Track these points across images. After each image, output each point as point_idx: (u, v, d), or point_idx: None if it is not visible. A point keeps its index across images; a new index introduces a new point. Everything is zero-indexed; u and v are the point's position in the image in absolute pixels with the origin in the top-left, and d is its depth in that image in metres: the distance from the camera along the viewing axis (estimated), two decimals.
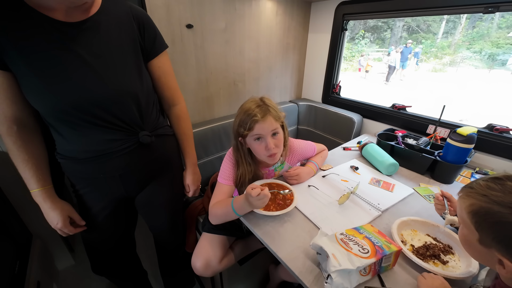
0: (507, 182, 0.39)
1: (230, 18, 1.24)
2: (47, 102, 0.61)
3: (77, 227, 0.78)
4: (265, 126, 0.76)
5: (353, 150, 1.24)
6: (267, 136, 0.78)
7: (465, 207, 0.44)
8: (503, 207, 0.38)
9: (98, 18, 0.64)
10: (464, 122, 5.87)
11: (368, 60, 10.34)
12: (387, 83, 8.85)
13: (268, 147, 0.78)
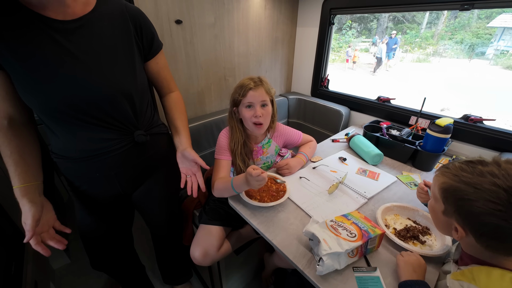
0: (478, 166, 0.45)
1: (219, 12, 1.24)
2: (40, 100, 0.61)
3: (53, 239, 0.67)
4: (256, 95, 0.88)
5: (341, 142, 1.30)
6: (257, 104, 0.89)
7: (438, 184, 0.51)
8: (468, 186, 0.44)
9: (92, 16, 0.63)
10: (446, 111, 6.04)
11: (355, 51, 10.45)
12: (374, 74, 9.03)
13: (256, 114, 0.89)
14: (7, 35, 0.55)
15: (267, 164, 1.08)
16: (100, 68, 0.64)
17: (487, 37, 10.88)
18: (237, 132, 0.96)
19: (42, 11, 0.57)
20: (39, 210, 0.63)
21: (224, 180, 0.88)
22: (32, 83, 0.59)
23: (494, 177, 0.41)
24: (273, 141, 1.05)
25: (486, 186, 0.41)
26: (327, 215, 0.79)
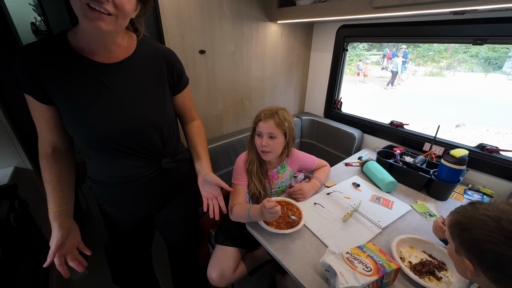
0: (477, 205, 0.52)
1: (238, 42, 1.32)
2: (82, 132, 0.68)
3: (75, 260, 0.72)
4: (265, 126, 0.95)
5: (355, 166, 1.32)
6: (264, 135, 0.95)
7: (447, 223, 0.57)
8: (467, 218, 0.51)
9: (132, 59, 0.71)
10: (462, 127, 5.88)
11: (366, 65, 10.47)
12: (387, 88, 8.94)
13: (262, 143, 0.95)
14: (59, 73, 0.63)
15: (282, 188, 1.12)
16: (135, 104, 0.71)
17: (504, 51, 10.65)
18: (253, 153, 1.02)
19: (91, 56, 0.66)
20: (65, 235, 0.69)
21: (242, 207, 0.93)
22: (76, 116, 0.67)
23: (485, 210, 0.49)
24: (288, 167, 1.09)
25: (478, 216, 0.49)
26: (342, 245, 0.81)
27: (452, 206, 1.01)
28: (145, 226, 0.95)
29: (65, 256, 0.71)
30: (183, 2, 1.06)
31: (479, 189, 1.09)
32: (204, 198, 0.87)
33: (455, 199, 1.06)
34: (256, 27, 1.37)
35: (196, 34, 1.15)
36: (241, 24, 1.30)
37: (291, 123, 0.98)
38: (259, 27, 1.38)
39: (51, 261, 0.67)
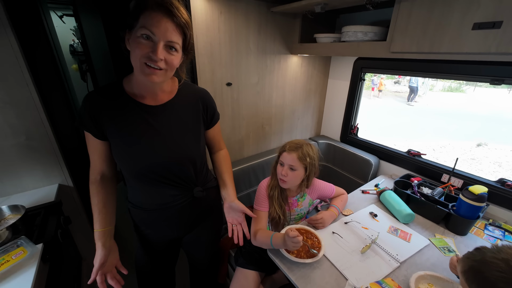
0: (483, 250, 0.58)
1: (262, 73, 1.43)
2: (129, 163, 0.79)
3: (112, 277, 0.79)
4: (287, 157, 1.01)
5: (371, 193, 1.35)
6: (286, 165, 1.02)
7: (459, 270, 0.63)
8: (478, 262, 0.57)
9: (174, 102, 0.82)
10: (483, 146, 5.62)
11: (381, 79, 10.40)
12: (408, 104, 8.68)
13: (282, 172, 1.02)
14: (115, 114, 0.75)
15: (300, 215, 1.17)
16: (175, 140, 0.82)
17: None
18: (275, 179, 1.09)
19: (140, 99, 0.77)
20: (106, 254, 0.77)
21: (264, 234, 0.98)
22: (126, 150, 0.77)
23: (492, 253, 0.55)
24: (308, 196, 1.15)
25: (488, 259, 0.55)
26: (361, 278, 0.84)
27: (472, 241, 1.02)
28: (174, 247, 1.04)
29: (105, 274, 0.79)
30: (215, 42, 1.19)
31: (501, 225, 1.09)
32: (229, 223, 0.95)
33: (475, 234, 1.06)
34: (278, 60, 1.47)
35: (225, 69, 1.27)
36: (265, 57, 1.41)
37: (313, 159, 1.04)
38: (281, 59, 1.49)
39: (94, 278, 0.76)
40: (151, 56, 0.65)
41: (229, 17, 1.19)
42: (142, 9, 0.64)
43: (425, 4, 0.89)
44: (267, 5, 1.29)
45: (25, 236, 0.87)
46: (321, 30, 1.47)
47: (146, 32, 0.63)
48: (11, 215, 0.97)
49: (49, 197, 1.17)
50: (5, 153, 1.10)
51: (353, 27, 1.13)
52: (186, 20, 0.69)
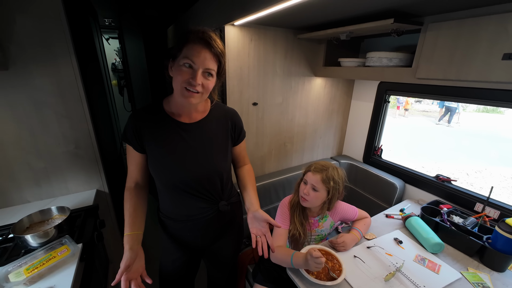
0: None
1: (286, 94, 1.50)
2: (164, 175, 0.87)
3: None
4: (311, 177, 1.04)
5: (396, 218, 1.31)
6: (308, 184, 1.04)
7: None
8: None
9: (206, 120, 0.91)
10: None
11: (408, 98, 10.02)
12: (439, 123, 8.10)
13: (304, 191, 1.04)
14: (154, 130, 0.84)
15: (321, 236, 1.16)
16: (205, 155, 0.89)
17: None
18: (298, 196, 1.10)
19: (177, 117, 0.86)
20: (133, 258, 0.78)
21: (284, 252, 0.99)
22: (161, 163, 0.85)
23: None
24: (330, 217, 1.14)
25: None
26: None
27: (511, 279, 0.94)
28: (196, 258, 1.08)
29: (130, 281, 0.78)
30: (244, 66, 1.29)
31: None
32: (253, 234, 0.91)
33: None
34: (302, 81, 1.54)
35: (252, 90, 1.35)
36: (290, 79, 1.48)
37: (338, 183, 1.04)
38: (305, 81, 1.55)
39: (118, 279, 0.76)
40: (191, 81, 0.74)
41: (259, 43, 1.29)
42: (186, 42, 0.75)
43: (451, 34, 0.91)
44: (294, 32, 1.38)
45: (68, 236, 0.97)
46: (345, 54, 1.53)
47: (188, 61, 0.74)
48: (58, 215, 1.09)
49: (88, 200, 1.29)
50: (57, 159, 1.25)
51: (378, 53, 1.17)
52: (222, 50, 0.78)
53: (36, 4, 1.03)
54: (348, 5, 0.89)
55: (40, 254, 0.86)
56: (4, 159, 1.14)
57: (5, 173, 1.16)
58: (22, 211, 1.13)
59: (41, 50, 1.08)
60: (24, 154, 1.17)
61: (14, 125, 1.12)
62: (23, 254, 0.88)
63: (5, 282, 0.75)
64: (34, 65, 1.09)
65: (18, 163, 1.17)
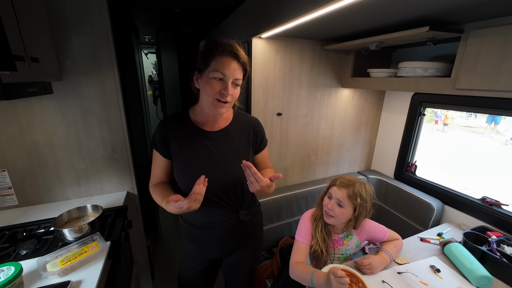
0: None
1: (311, 105, 1.48)
2: (187, 181, 0.89)
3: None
4: (336, 192, 0.98)
5: (433, 243, 1.17)
6: (333, 199, 0.98)
7: None
8: None
9: (229, 128, 0.93)
10: None
11: (447, 111, 9.22)
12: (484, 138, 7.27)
13: (328, 206, 0.99)
14: (180, 137, 0.88)
15: (346, 256, 1.09)
16: (227, 162, 0.90)
17: None
18: (320, 210, 1.05)
19: (201, 126, 0.90)
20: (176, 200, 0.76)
21: (304, 269, 0.93)
22: (186, 169, 0.89)
23: None
24: (356, 236, 1.07)
25: None
26: None
27: None
28: (214, 267, 1.07)
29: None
30: (270, 77, 1.31)
31: None
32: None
33: None
34: (328, 92, 1.51)
35: (277, 101, 1.36)
36: (316, 90, 1.46)
37: (365, 200, 0.97)
38: (332, 92, 1.52)
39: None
40: (223, 93, 0.78)
41: (285, 55, 1.31)
42: (213, 55, 0.78)
43: (498, 41, 0.83)
44: (321, 43, 1.38)
45: (99, 233, 1.04)
46: (374, 65, 1.47)
47: (218, 74, 0.77)
48: (92, 213, 1.17)
49: (119, 201, 1.38)
50: (96, 161, 1.36)
51: (411, 63, 1.10)
52: (246, 59, 0.82)
53: (89, 24, 1.17)
54: (379, 15, 0.86)
55: (74, 247, 0.93)
56: (53, 159, 1.28)
57: (54, 171, 1.30)
58: (63, 207, 1.24)
59: (90, 63, 1.22)
60: (69, 155, 1.31)
61: (63, 129, 1.26)
62: (60, 247, 0.96)
63: (43, 271, 0.82)
64: (84, 76, 1.23)
65: (64, 163, 1.31)
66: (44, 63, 1.01)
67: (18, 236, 1.05)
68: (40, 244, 1.01)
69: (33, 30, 0.94)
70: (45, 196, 1.31)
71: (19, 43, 0.81)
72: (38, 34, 0.98)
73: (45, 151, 1.25)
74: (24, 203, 1.28)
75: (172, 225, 2.49)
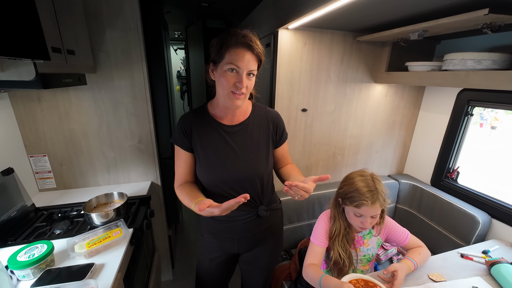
0: None
1: (339, 101, 1.38)
2: (206, 174, 0.88)
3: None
4: (370, 211, 0.86)
5: (476, 261, 1.03)
6: (367, 217, 0.88)
7: None
8: None
9: (247, 122, 0.90)
10: None
11: (496, 113, 8.21)
12: None
13: (365, 225, 0.89)
14: (200, 130, 0.87)
15: (368, 257, 1.00)
16: (246, 156, 0.88)
17: None
18: (339, 222, 0.97)
19: (220, 120, 0.88)
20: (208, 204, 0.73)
21: (315, 271, 0.89)
22: (204, 163, 0.87)
23: None
24: (375, 232, 0.98)
25: None
26: None
27: None
28: (231, 262, 1.06)
29: None
30: (296, 71, 1.25)
31: None
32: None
33: None
34: (359, 88, 1.40)
35: (302, 96, 1.30)
36: (345, 86, 1.37)
37: (387, 194, 0.91)
38: (363, 88, 1.41)
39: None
40: (237, 85, 0.75)
41: (313, 47, 1.24)
42: (227, 47, 0.75)
43: None
44: (354, 34, 1.27)
45: (123, 220, 1.08)
46: (413, 58, 1.33)
47: (232, 66, 0.74)
48: (118, 200, 1.23)
49: (143, 190, 1.43)
50: (124, 151, 1.43)
51: (462, 54, 0.96)
52: (261, 49, 0.78)
53: (122, 19, 1.22)
54: None
55: (100, 231, 0.98)
56: (87, 147, 1.37)
57: (87, 159, 1.39)
58: (93, 192, 1.32)
59: (121, 57, 1.27)
60: (101, 144, 1.38)
61: (96, 119, 1.33)
62: (88, 230, 1.02)
63: (71, 251, 0.87)
64: (115, 69, 1.28)
65: (96, 151, 1.39)
66: (80, 55, 1.06)
67: (54, 216, 1.14)
68: (72, 225, 1.08)
69: (71, 24, 0.99)
70: (79, 181, 1.41)
71: (56, 36, 0.86)
72: (75, 28, 1.04)
73: (80, 140, 1.34)
74: (61, 186, 1.38)
75: (193, 217, 2.55)
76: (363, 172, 0.93)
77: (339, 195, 0.95)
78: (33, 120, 1.25)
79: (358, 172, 0.93)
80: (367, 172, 0.93)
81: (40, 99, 1.23)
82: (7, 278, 0.64)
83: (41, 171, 1.34)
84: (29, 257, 0.79)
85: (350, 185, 0.90)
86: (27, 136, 1.26)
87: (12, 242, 0.95)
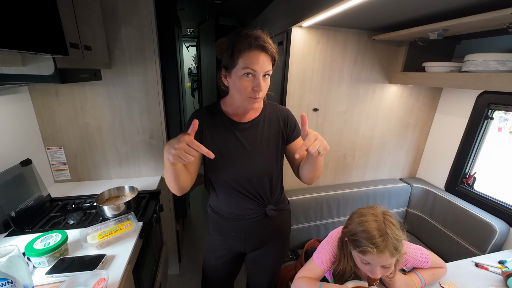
0: None
1: (352, 102, 1.36)
2: (217, 171, 0.89)
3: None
4: (378, 260, 0.72)
5: (492, 271, 0.99)
6: (376, 267, 0.74)
7: None
8: None
9: (258, 120, 0.89)
10: None
11: None
12: None
13: (374, 275, 0.76)
14: (212, 126, 0.87)
15: None
16: (258, 154, 0.87)
17: None
18: (346, 262, 0.85)
19: (232, 117, 0.88)
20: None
21: (310, 282, 0.85)
22: (214, 159, 0.87)
23: None
24: None
25: None
26: None
27: None
28: (237, 260, 1.06)
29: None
30: (308, 69, 1.23)
31: None
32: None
33: None
34: (373, 89, 1.37)
35: (314, 95, 1.28)
36: (358, 86, 1.34)
37: (401, 239, 0.74)
38: (376, 89, 1.37)
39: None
40: (256, 89, 0.75)
41: (326, 46, 1.22)
42: (240, 51, 0.73)
43: None
44: (369, 33, 1.24)
45: (133, 213, 1.10)
46: (431, 58, 1.29)
47: (248, 71, 0.73)
48: (129, 193, 1.26)
49: (153, 185, 1.46)
50: (136, 145, 1.46)
51: (484, 54, 0.92)
52: (275, 48, 0.77)
53: (137, 15, 1.24)
54: None
55: (111, 224, 1.00)
56: (101, 141, 1.41)
57: (101, 152, 1.43)
58: (106, 185, 1.36)
59: (135, 53, 1.29)
60: (114, 138, 1.42)
61: (110, 114, 1.36)
62: (100, 221, 1.05)
63: (84, 241, 0.90)
64: (129, 65, 1.30)
65: (109, 145, 1.43)
66: (96, 51, 1.09)
67: (68, 207, 1.18)
68: (85, 216, 1.11)
69: (88, 20, 1.01)
70: (92, 174, 1.45)
71: (74, 32, 0.88)
72: (92, 25, 1.06)
73: (94, 133, 1.38)
74: (75, 178, 1.43)
75: (200, 213, 2.58)
76: (373, 209, 0.78)
77: (345, 234, 0.81)
78: (50, 113, 1.29)
79: (368, 209, 0.79)
80: (378, 210, 0.78)
81: (57, 93, 1.27)
82: (25, 264, 0.67)
83: (57, 163, 1.39)
84: (45, 246, 0.82)
85: (356, 224, 0.76)
86: (44, 128, 1.31)
87: (29, 230, 0.99)
